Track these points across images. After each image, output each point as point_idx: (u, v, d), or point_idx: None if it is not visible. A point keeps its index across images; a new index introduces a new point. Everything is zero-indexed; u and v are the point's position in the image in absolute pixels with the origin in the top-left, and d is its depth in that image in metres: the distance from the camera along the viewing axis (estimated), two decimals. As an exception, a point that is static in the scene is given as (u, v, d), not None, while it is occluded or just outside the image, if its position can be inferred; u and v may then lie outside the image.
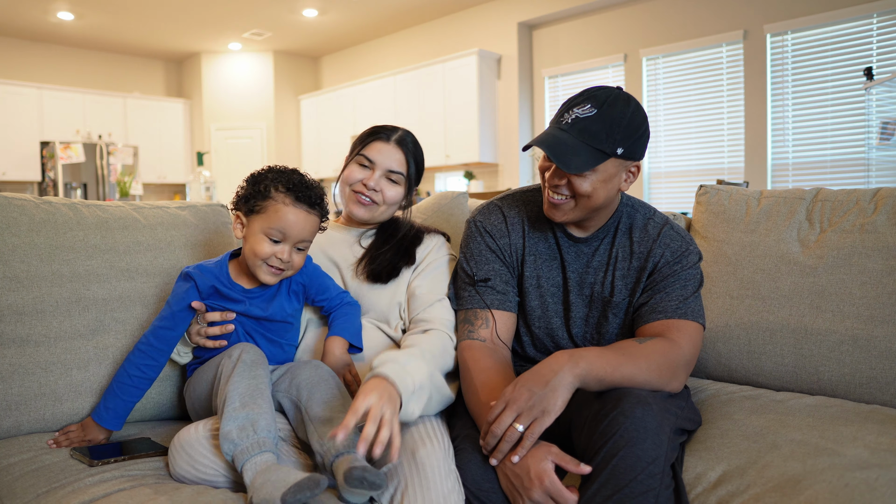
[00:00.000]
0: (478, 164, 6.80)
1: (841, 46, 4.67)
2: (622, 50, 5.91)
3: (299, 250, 1.27)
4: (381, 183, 1.43)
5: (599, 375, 1.10)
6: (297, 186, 1.24)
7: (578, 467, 1.01)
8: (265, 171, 1.28)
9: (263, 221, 1.23)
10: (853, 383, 1.43)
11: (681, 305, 1.27)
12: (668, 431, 1.07)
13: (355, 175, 1.44)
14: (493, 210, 1.42)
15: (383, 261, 1.43)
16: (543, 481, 1.01)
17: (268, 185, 1.24)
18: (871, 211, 1.52)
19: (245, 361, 1.14)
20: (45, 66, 8.08)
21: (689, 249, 1.32)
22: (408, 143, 1.46)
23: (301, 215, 1.23)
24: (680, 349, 1.21)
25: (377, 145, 1.44)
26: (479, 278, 1.36)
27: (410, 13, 7.17)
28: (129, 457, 1.15)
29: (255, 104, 8.69)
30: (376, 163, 1.43)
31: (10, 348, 1.27)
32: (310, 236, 1.27)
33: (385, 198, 1.44)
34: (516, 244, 1.39)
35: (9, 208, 1.31)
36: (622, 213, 1.36)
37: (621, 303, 1.33)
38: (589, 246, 1.35)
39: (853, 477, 1.00)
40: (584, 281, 1.36)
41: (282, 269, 1.25)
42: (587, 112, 1.18)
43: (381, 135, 1.45)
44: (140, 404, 1.41)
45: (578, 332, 1.37)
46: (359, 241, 1.51)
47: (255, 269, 1.25)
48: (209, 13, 7.11)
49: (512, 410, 1.05)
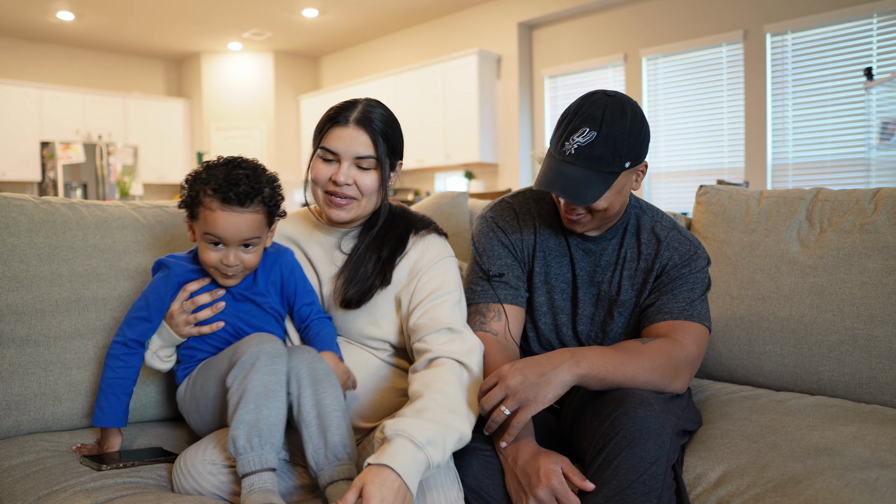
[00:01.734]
0: (478, 164, 6.80)
1: (841, 46, 4.66)
2: (622, 50, 5.90)
3: (247, 247, 1.19)
4: (353, 173, 1.25)
5: (601, 375, 1.10)
6: (223, 186, 1.14)
7: (583, 482, 1.01)
8: (200, 171, 1.19)
9: (200, 227, 1.18)
10: (853, 383, 1.43)
11: (687, 307, 1.27)
12: (669, 432, 1.07)
13: (322, 172, 1.27)
14: (504, 207, 1.43)
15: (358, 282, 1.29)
16: (551, 479, 1.01)
17: (198, 189, 1.17)
18: (871, 211, 1.52)
19: (268, 353, 1.09)
20: (45, 66, 8.08)
21: (697, 254, 1.32)
22: (371, 119, 1.26)
23: (233, 217, 1.14)
24: (684, 349, 1.21)
25: (335, 132, 1.25)
26: (494, 273, 1.36)
27: (410, 13, 7.17)
28: (137, 462, 1.15)
29: (255, 104, 8.69)
30: (339, 153, 1.25)
31: (10, 348, 1.27)
32: (251, 234, 1.17)
33: (361, 188, 1.26)
34: (527, 240, 1.39)
35: (8, 208, 1.31)
36: (630, 214, 1.37)
37: (627, 302, 1.34)
38: (598, 245, 1.36)
39: (853, 477, 1.00)
40: (593, 279, 1.37)
41: (233, 273, 1.20)
42: (588, 138, 1.17)
43: (338, 118, 1.25)
44: (140, 404, 1.41)
45: (584, 330, 1.38)
46: (339, 245, 1.36)
47: (212, 274, 1.22)
48: (209, 13, 7.11)
49: (501, 389, 1.06)
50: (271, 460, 1.03)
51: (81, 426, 1.34)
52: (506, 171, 6.77)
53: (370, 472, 0.95)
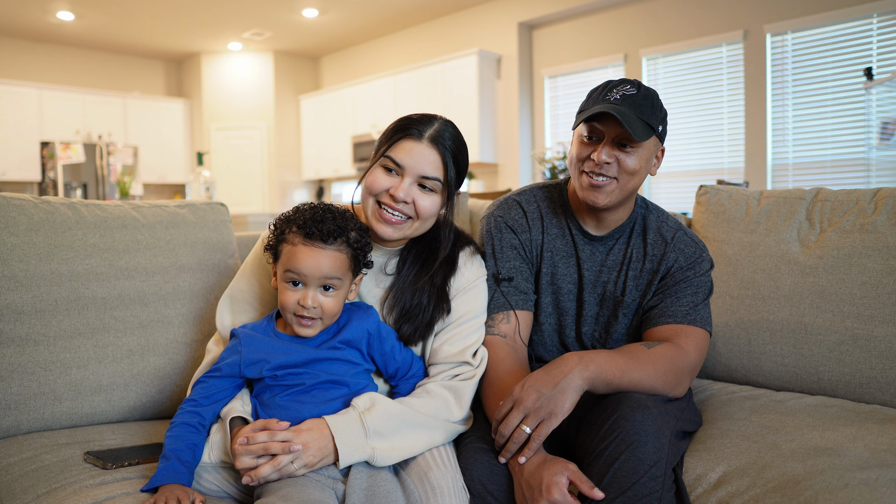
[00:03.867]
0: (478, 164, 6.79)
1: (841, 46, 4.66)
2: (622, 50, 5.90)
3: (326, 290, 1.12)
4: (413, 192, 1.17)
5: (608, 379, 1.10)
6: (307, 222, 1.11)
7: (592, 491, 0.99)
8: (288, 213, 1.16)
9: (282, 266, 1.13)
10: (853, 383, 1.43)
11: (690, 311, 1.28)
12: (668, 434, 1.07)
13: (380, 182, 1.17)
14: (511, 205, 1.41)
15: (414, 316, 1.21)
16: (552, 492, 0.99)
17: (283, 227, 1.14)
18: (871, 211, 1.52)
19: None
20: (45, 66, 8.08)
21: (702, 257, 1.33)
22: (445, 139, 1.18)
23: (314, 252, 1.09)
24: (687, 356, 1.22)
25: (406, 144, 1.17)
26: (504, 276, 1.34)
27: (410, 13, 7.17)
28: (142, 460, 1.14)
29: (255, 104, 8.69)
30: (405, 167, 1.16)
31: (10, 347, 1.27)
32: (333, 273, 1.10)
33: (419, 210, 1.18)
34: (536, 239, 1.39)
35: (7, 208, 1.30)
36: (637, 214, 1.37)
37: (632, 303, 1.34)
38: (604, 245, 1.36)
39: (853, 477, 1.00)
40: (598, 279, 1.37)
41: (311, 316, 1.11)
42: (630, 91, 1.24)
43: (412, 131, 1.17)
44: (141, 404, 1.41)
45: (588, 331, 1.38)
46: (384, 267, 1.26)
47: (290, 323, 1.14)
48: (209, 13, 7.11)
49: (519, 411, 1.06)
50: None
51: (81, 425, 1.34)
52: (506, 171, 6.76)
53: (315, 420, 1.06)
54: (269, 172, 8.66)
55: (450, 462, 1.11)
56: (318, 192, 8.93)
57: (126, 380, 1.39)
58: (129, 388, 1.39)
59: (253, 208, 8.48)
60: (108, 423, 1.38)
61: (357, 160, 7.82)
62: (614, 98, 1.23)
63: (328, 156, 8.37)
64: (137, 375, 1.40)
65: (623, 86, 1.25)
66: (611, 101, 1.24)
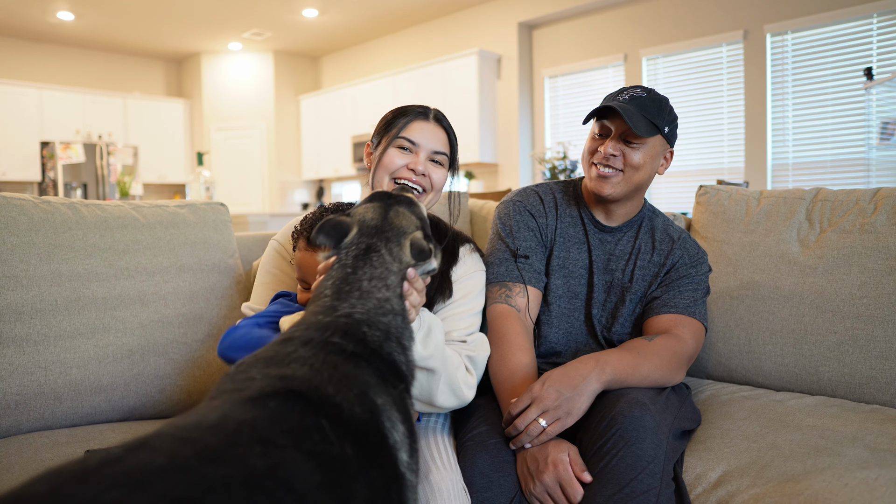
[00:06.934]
0: (478, 164, 6.79)
1: (841, 46, 4.66)
2: (622, 50, 5.90)
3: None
4: (428, 167, 1.31)
5: (622, 378, 1.18)
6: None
7: (582, 474, 1.05)
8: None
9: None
10: (853, 383, 1.43)
11: (691, 304, 1.37)
12: (666, 431, 1.10)
13: (397, 161, 1.29)
14: (529, 193, 1.51)
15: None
16: (558, 467, 1.05)
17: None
18: (871, 211, 1.52)
19: None
20: (45, 66, 8.08)
21: (703, 259, 1.44)
22: (445, 119, 1.37)
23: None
24: (685, 344, 1.31)
25: (417, 124, 1.31)
26: (521, 254, 1.42)
27: (410, 13, 7.17)
28: None
29: (255, 104, 8.69)
30: (420, 144, 1.30)
31: (10, 347, 1.27)
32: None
33: (433, 181, 1.32)
34: (551, 224, 1.47)
35: (7, 208, 1.30)
36: (645, 214, 1.47)
37: (638, 290, 1.42)
38: (614, 236, 1.45)
39: (853, 477, 1.00)
40: (607, 267, 1.44)
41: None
42: (640, 94, 1.35)
43: (419, 113, 1.33)
44: (141, 404, 1.41)
45: (596, 314, 1.43)
46: None
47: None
48: (209, 13, 7.11)
49: (538, 408, 1.11)
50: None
51: (81, 425, 1.34)
52: (506, 171, 6.76)
53: None
54: (269, 172, 8.66)
55: (450, 464, 1.14)
56: (319, 192, 8.93)
57: (126, 380, 1.39)
58: (129, 388, 1.39)
59: (253, 208, 8.48)
60: (108, 423, 1.38)
61: (357, 160, 7.82)
62: (623, 98, 1.35)
63: (328, 156, 8.37)
64: (137, 375, 1.40)
65: (634, 89, 1.36)
66: (620, 100, 1.35)
